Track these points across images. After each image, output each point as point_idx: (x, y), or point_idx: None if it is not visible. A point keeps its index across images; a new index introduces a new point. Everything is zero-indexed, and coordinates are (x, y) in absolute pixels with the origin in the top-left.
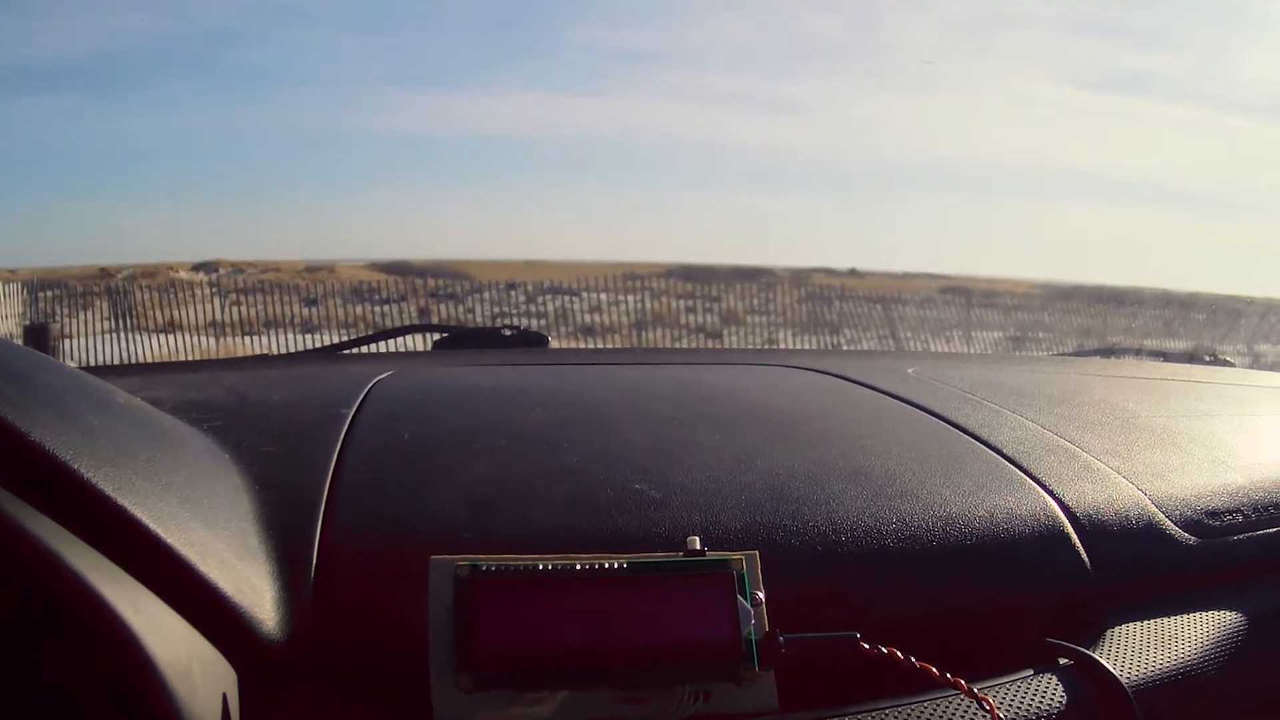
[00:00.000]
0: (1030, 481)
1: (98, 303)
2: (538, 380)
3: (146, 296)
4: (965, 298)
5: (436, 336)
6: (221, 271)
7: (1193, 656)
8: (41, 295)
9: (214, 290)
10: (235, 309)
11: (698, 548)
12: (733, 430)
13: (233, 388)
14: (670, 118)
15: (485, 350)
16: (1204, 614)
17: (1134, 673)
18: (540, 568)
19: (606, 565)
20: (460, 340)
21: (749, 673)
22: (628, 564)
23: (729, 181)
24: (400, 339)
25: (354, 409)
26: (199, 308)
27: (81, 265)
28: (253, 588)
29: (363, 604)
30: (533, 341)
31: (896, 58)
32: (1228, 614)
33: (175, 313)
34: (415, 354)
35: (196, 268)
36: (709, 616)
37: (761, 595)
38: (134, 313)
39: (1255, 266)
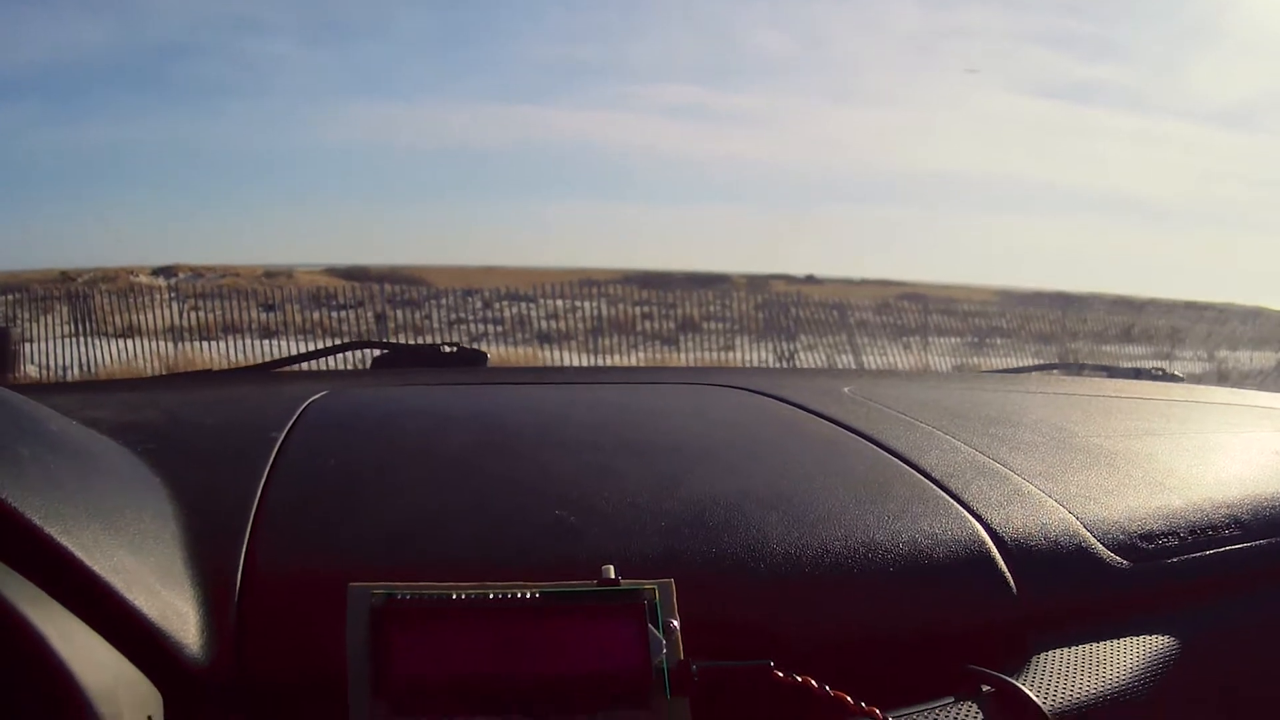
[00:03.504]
0: (957, 505)
1: (58, 307)
2: (466, 403)
3: (106, 301)
4: (922, 304)
5: (377, 353)
6: (181, 276)
7: (1121, 682)
8: (2, 299)
9: (173, 295)
10: (194, 314)
11: (612, 576)
12: (655, 456)
13: (168, 409)
14: (622, 129)
15: (423, 369)
16: (1134, 639)
17: (1059, 699)
18: (454, 596)
19: (518, 595)
20: (399, 358)
21: (660, 702)
22: (540, 593)
23: (684, 191)
24: (342, 355)
25: (284, 433)
26: (158, 312)
27: (42, 269)
28: (177, 613)
29: (284, 630)
30: (471, 360)
31: (847, 70)
32: (1158, 638)
33: (135, 317)
34: (352, 372)
35: (156, 272)
36: (620, 645)
37: (676, 623)
38: (94, 317)
39: (1210, 273)
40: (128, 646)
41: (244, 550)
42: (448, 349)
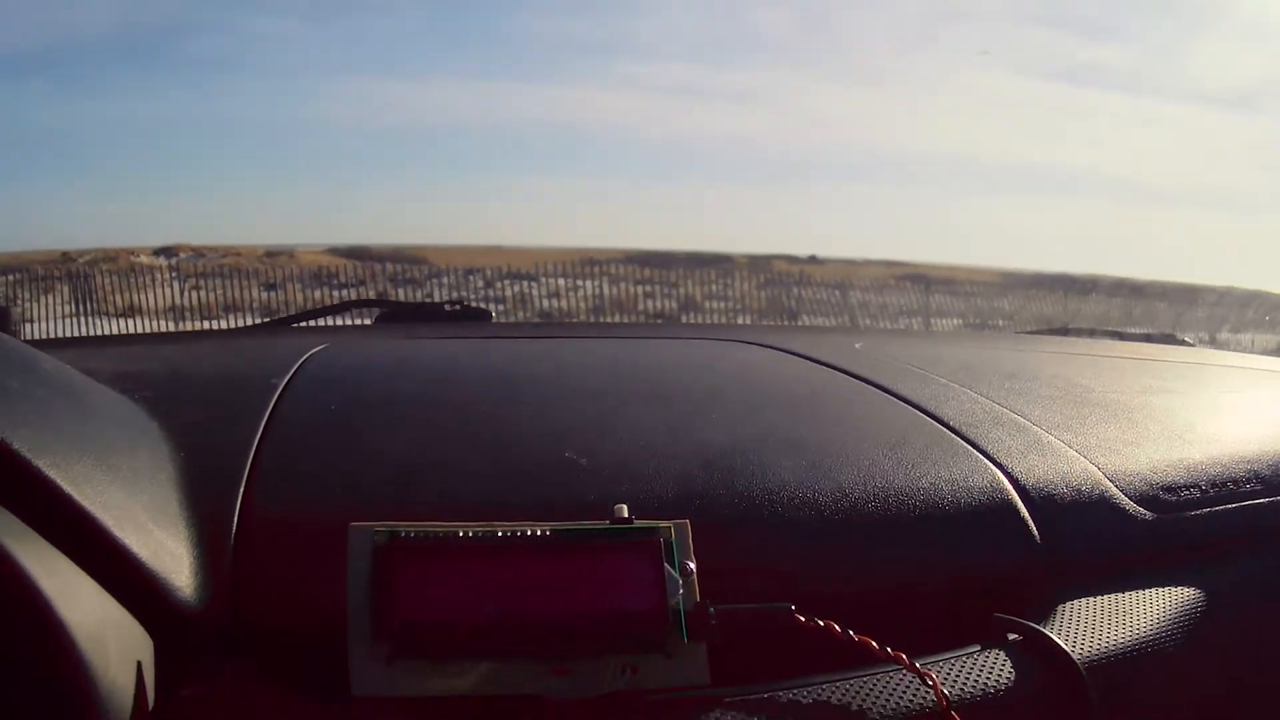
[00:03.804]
0: (977, 454)
1: (59, 287)
2: (471, 354)
3: (107, 281)
4: (924, 285)
5: (379, 313)
6: (182, 256)
7: (1148, 634)
8: (2, 280)
9: (174, 275)
10: (195, 293)
11: (625, 515)
12: (667, 403)
13: (167, 360)
14: (623, 107)
15: (426, 324)
16: (1159, 590)
17: (1086, 649)
18: (461, 534)
19: (529, 532)
20: (402, 315)
21: (678, 645)
22: (551, 531)
23: (686, 169)
24: (343, 316)
25: (285, 379)
26: (159, 292)
27: (43, 250)
28: (170, 554)
29: (282, 573)
30: (475, 317)
31: (848, 50)
32: (1184, 591)
33: (135, 297)
34: (355, 328)
35: (157, 252)
36: (635, 586)
37: (692, 565)
38: (95, 297)
39: (1212, 256)
40: (117, 588)
41: (241, 491)
42: (451, 307)
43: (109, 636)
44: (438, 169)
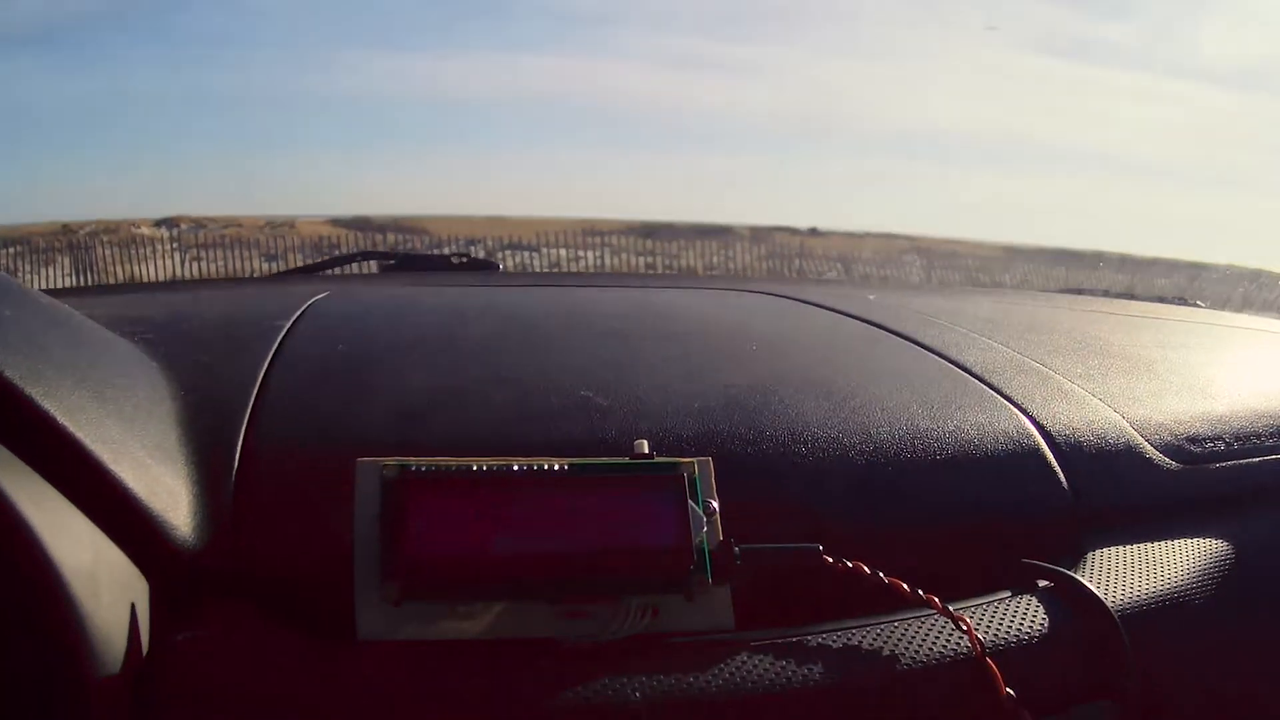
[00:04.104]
0: (1002, 400)
1: (60, 259)
2: (482, 298)
3: (108, 252)
4: (927, 258)
5: (384, 265)
6: (183, 227)
7: (1178, 584)
8: (3, 252)
9: (175, 246)
10: (196, 264)
11: (646, 451)
12: (684, 343)
13: (168, 305)
14: (627, 79)
15: (433, 273)
16: (1188, 542)
17: (1116, 597)
18: (475, 468)
19: (546, 467)
20: (407, 266)
21: (701, 586)
22: (569, 465)
23: (688, 141)
24: (347, 269)
25: (290, 322)
26: (160, 263)
27: (44, 222)
28: (168, 491)
29: (285, 512)
30: (482, 268)
31: (854, 24)
32: (1213, 543)
33: (137, 268)
34: (360, 276)
35: (158, 223)
36: (657, 523)
37: (715, 504)
38: (95, 268)
39: (1215, 235)
40: (111, 525)
41: (244, 428)
42: (458, 259)
43: (101, 576)
44: (440, 140)
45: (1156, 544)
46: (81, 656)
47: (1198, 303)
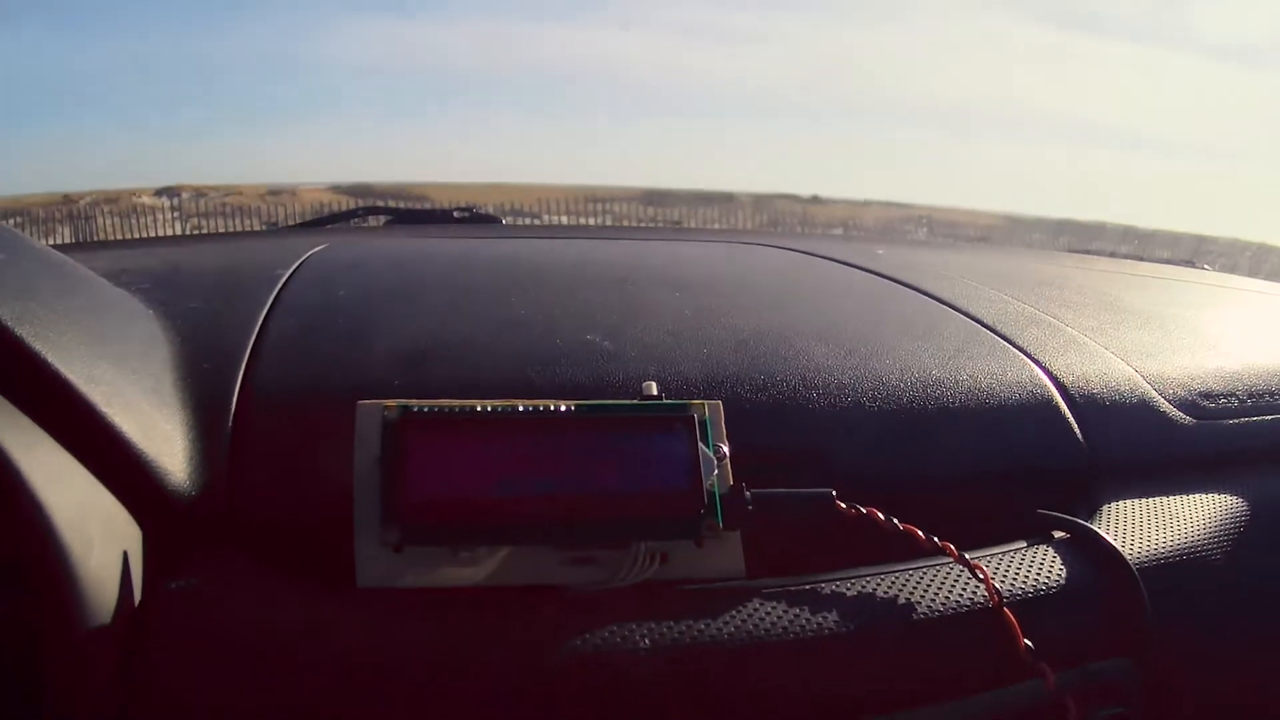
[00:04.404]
0: (1015, 350)
1: (60, 229)
2: (486, 249)
3: (109, 222)
4: (928, 227)
5: (384, 220)
6: (184, 196)
7: (1193, 539)
8: (4, 223)
9: (176, 214)
10: (197, 233)
11: (654, 393)
12: (692, 291)
13: (165, 257)
14: (625, 47)
15: (434, 226)
16: (1202, 497)
17: (1133, 551)
18: (479, 409)
19: (552, 408)
20: (408, 220)
21: (712, 531)
22: (576, 407)
23: (690, 109)
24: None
25: (289, 271)
26: (161, 232)
27: (44, 193)
28: (162, 434)
29: (283, 457)
30: (484, 221)
31: None
32: (1227, 499)
33: (138, 237)
34: (361, 229)
35: (159, 192)
36: (667, 466)
37: (726, 448)
38: (96, 238)
39: (1218, 209)
40: (103, 470)
41: (242, 372)
42: (460, 213)
43: (91, 523)
44: (441, 108)
45: (1171, 499)
46: (71, 606)
47: (1205, 266)
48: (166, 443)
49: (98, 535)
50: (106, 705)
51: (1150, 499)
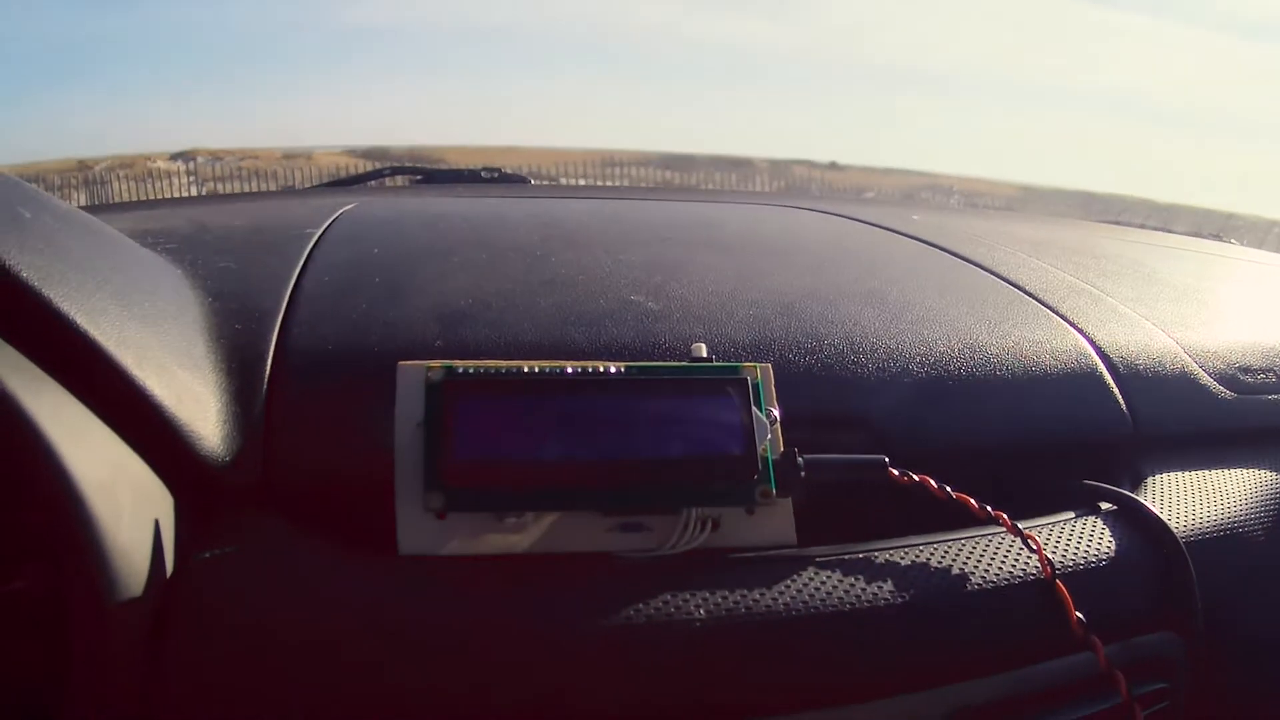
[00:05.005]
0: (1058, 319)
1: (76, 195)
2: (520, 207)
3: (125, 187)
4: (946, 196)
5: (411, 181)
6: (199, 160)
7: (1237, 512)
8: (27, 183)
9: (192, 179)
10: (219, 194)
11: (704, 355)
12: (734, 252)
13: (191, 217)
14: (646, 9)
15: (463, 185)
16: (1244, 471)
17: (1179, 523)
18: (526, 370)
19: (601, 369)
20: (436, 180)
21: (765, 497)
22: (626, 369)
23: (709, 75)
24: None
25: (321, 229)
26: (177, 196)
27: (59, 159)
28: (195, 397)
29: (320, 419)
30: (514, 181)
31: None
32: (1269, 474)
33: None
34: (389, 188)
35: (174, 157)
36: (719, 430)
37: (777, 412)
38: (112, 203)
39: (1238, 185)
40: (133, 435)
41: (276, 333)
42: (488, 174)
43: (122, 491)
44: (458, 70)
45: (1213, 472)
46: (100, 576)
47: (1232, 241)
48: (199, 406)
49: (128, 503)
50: (135, 679)
51: (1193, 472)
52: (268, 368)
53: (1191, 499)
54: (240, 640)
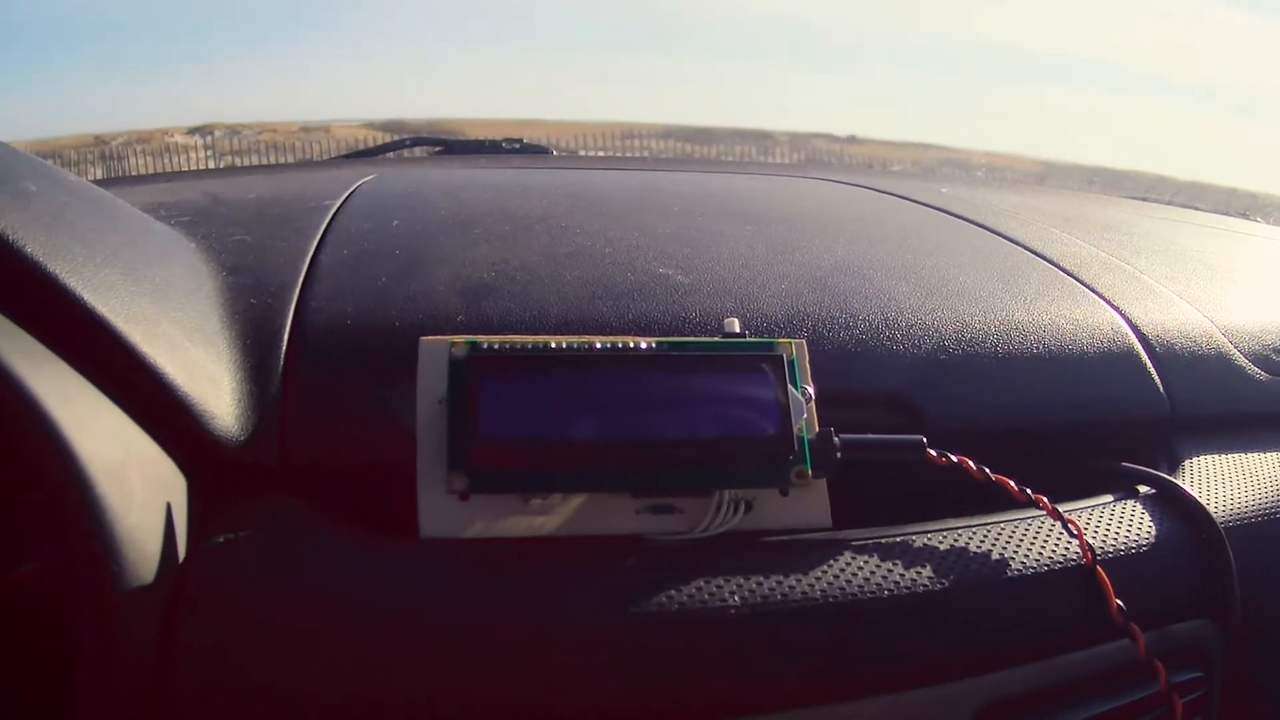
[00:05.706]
0: (1094, 296)
1: (93, 170)
2: (543, 178)
3: (141, 162)
4: (965, 170)
5: (432, 152)
6: (217, 134)
7: (1275, 496)
8: (36, 157)
9: (209, 153)
10: (235, 167)
11: (737, 330)
12: (764, 224)
13: (205, 190)
14: None
15: (485, 157)
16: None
17: (1218, 507)
18: (552, 346)
19: (632, 345)
20: (457, 151)
21: (801, 478)
22: (657, 344)
23: (730, 46)
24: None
25: (339, 201)
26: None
27: (76, 135)
28: (209, 376)
29: (339, 397)
30: (536, 152)
31: None
32: None
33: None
34: (408, 159)
35: (192, 131)
36: (753, 409)
37: (812, 391)
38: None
39: (1259, 165)
40: (144, 415)
41: (293, 308)
42: (510, 145)
43: (132, 471)
44: (476, 42)
45: (1249, 455)
46: (109, 560)
47: (1258, 219)
48: (212, 384)
49: (138, 485)
50: (146, 669)
51: (1229, 455)
52: (284, 344)
53: (1229, 483)
54: (255, 629)
